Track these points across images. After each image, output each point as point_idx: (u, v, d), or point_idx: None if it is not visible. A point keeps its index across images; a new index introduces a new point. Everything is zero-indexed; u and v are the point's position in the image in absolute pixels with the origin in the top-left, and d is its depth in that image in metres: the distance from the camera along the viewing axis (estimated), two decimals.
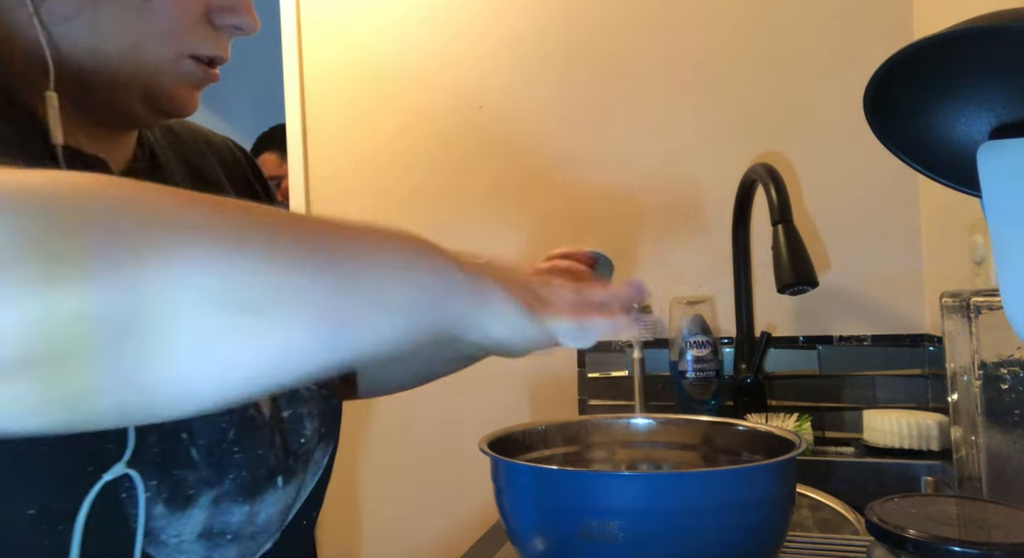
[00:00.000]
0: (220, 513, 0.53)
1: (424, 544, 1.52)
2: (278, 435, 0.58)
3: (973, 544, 0.43)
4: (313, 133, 1.61)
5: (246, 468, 0.54)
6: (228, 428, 0.54)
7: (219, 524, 0.54)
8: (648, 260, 1.42)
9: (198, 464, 0.52)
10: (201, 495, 0.52)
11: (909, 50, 0.50)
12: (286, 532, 0.61)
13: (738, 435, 0.74)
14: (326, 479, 0.67)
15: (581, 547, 0.56)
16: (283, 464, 0.58)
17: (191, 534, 0.52)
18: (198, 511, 0.52)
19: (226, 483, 0.53)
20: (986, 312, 0.75)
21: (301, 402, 0.62)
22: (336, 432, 0.67)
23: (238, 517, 0.54)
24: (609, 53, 1.44)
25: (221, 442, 0.53)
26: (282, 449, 0.58)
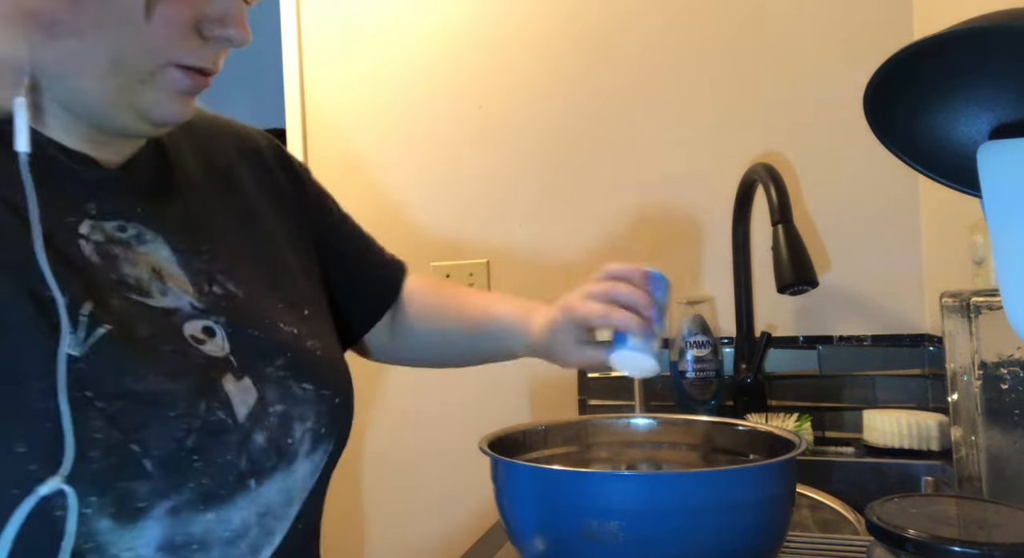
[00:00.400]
0: (181, 524, 0.52)
1: (424, 544, 1.52)
2: (260, 434, 0.57)
3: (973, 544, 0.43)
4: (313, 133, 1.61)
5: (208, 476, 0.53)
6: (186, 436, 0.52)
7: (181, 535, 0.52)
8: (648, 260, 1.41)
9: (151, 475, 0.50)
10: (154, 507, 0.50)
11: (909, 50, 0.50)
12: (289, 534, 0.60)
13: (738, 435, 0.74)
14: (326, 479, 0.66)
15: (581, 547, 0.56)
16: (259, 466, 0.56)
17: (147, 547, 0.51)
18: (152, 523, 0.50)
19: (185, 492, 0.52)
20: (986, 312, 0.75)
21: (294, 401, 0.61)
22: (337, 432, 0.66)
23: (203, 526, 0.53)
24: (609, 53, 1.44)
25: (178, 451, 0.51)
26: (263, 450, 0.57)
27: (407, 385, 1.54)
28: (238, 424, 0.55)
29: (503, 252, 1.50)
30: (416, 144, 1.55)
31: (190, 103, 0.59)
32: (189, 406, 0.52)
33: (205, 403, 0.53)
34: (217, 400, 0.54)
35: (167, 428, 0.51)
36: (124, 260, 0.55)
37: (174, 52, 0.55)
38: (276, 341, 0.62)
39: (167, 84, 0.56)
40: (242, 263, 0.65)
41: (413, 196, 1.55)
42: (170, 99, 0.57)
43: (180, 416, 0.51)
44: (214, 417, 0.54)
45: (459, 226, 1.52)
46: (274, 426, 0.58)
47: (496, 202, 1.50)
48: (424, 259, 1.53)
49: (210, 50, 0.58)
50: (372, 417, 1.56)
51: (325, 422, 0.64)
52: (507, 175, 1.50)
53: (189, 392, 0.52)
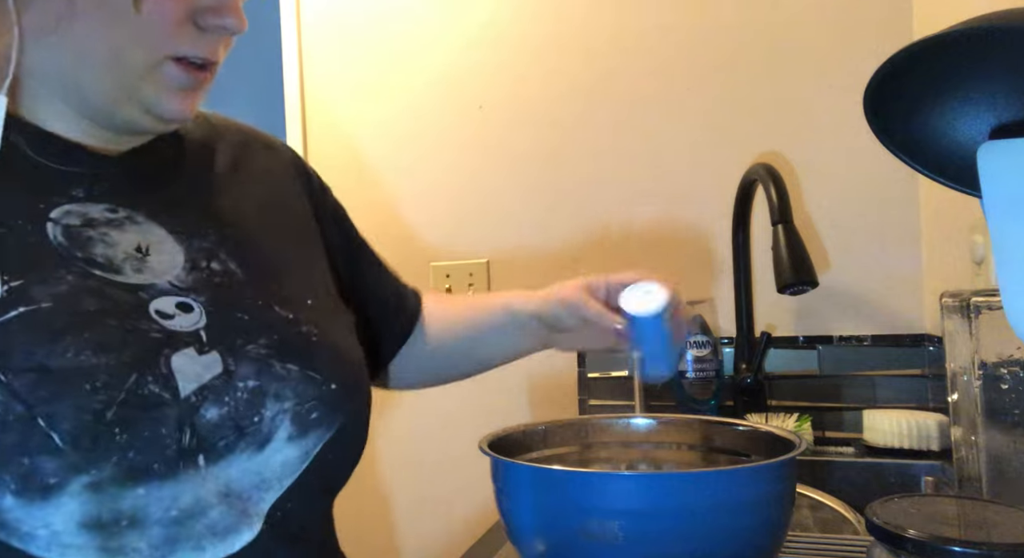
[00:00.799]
0: (107, 499, 0.50)
1: (424, 544, 1.52)
2: (212, 410, 0.55)
3: (973, 544, 0.43)
4: (313, 134, 1.61)
5: (134, 450, 0.51)
6: (105, 409, 0.50)
7: (108, 512, 0.50)
8: (648, 260, 1.42)
9: (62, 450, 0.49)
10: (69, 482, 0.49)
11: (909, 50, 0.50)
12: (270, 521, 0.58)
13: (738, 435, 0.74)
14: (324, 473, 0.63)
15: (581, 547, 0.56)
16: (208, 443, 0.54)
17: (67, 524, 0.49)
18: (68, 499, 0.49)
19: (106, 468, 0.50)
20: (986, 312, 0.75)
21: (272, 378, 0.59)
22: (339, 422, 0.63)
23: (133, 502, 0.51)
24: (609, 54, 1.44)
25: (96, 424, 0.50)
26: (214, 426, 0.55)
27: None
28: (179, 399, 0.54)
29: (503, 252, 1.50)
30: (416, 144, 1.55)
31: (194, 99, 0.60)
32: (112, 379, 0.51)
33: (136, 376, 0.52)
34: (152, 374, 0.53)
35: (81, 402, 0.50)
36: (98, 241, 0.57)
37: (171, 44, 0.56)
38: (264, 321, 0.61)
39: (167, 80, 0.57)
40: (251, 248, 0.66)
41: (413, 196, 1.55)
42: (171, 95, 0.58)
43: (99, 388, 0.50)
44: (144, 391, 0.52)
45: (459, 226, 1.52)
46: (240, 402, 0.56)
47: (496, 202, 1.50)
48: (424, 259, 1.53)
49: (208, 40, 0.58)
50: (372, 417, 1.56)
51: (316, 407, 0.61)
52: (507, 175, 1.50)
53: (116, 366, 0.52)
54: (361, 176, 1.57)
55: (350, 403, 0.64)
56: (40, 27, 0.55)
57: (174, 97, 0.58)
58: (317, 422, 0.61)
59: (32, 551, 0.49)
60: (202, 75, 0.59)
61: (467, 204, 1.52)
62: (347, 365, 0.66)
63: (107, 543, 0.51)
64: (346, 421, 0.63)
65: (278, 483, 0.59)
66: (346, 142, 1.59)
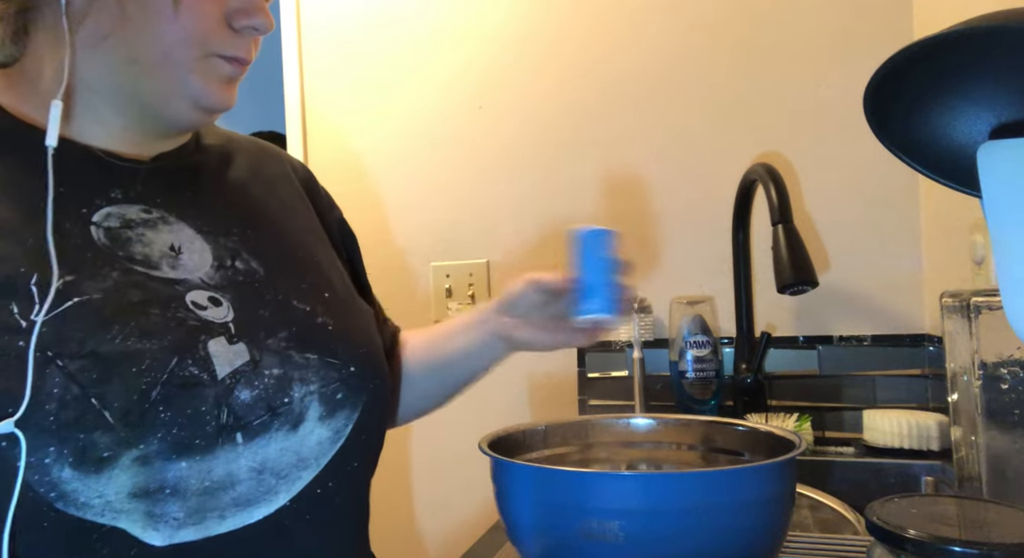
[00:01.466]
0: (154, 472, 0.55)
1: (424, 544, 1.52)
2: (250, 390, 0.60)
3: (973, 544, 0.43)
4: (313, 134, 1.61)
5: (177, 426, 0.56)
6: (150, 389, 0.55)
7: (155, 482, 0.55)
8: (648, 260, 1.42)
9: (113, 426, 0.53)
10: (120, 456, 0.54)
11: (909, 50, 0.50)
12: (300, 496, 0.62)
13: (738, 435, 0.74)
14: (357, 452, 0.67)
15: (581, 547, 0.56)
16: (244, 421, 0.59)
17: (118, 494, 0.54)
18: (120, 472, 0.54)
19: (153, 442, 0.55)
20: (986, 312, 0.75)
21: (294, 366, 0.63)
22: (363, 402, 0.67)
23: (176, 473, 0.56)
24: (609, 54, 1.44)
25: (143, 403, 0.55)
26: (248, 406, 0.59)
27: None
28: (216, 380, 0.58)
29: (503, 252, 1.50)
30: (416, 144, 1.55)
31: (233, 90, 0.66)
32: (155, 362, 0.56)
33: (177, 359, 0.57)
34: (192, 358, 0.58)
35: (129, 382, 0.54)
36: (136, 241, 0.62)
37: (212, 44, 0.62)
38: (283, 316, 0.65)
39: (212, 72, 0.63)
40: (270, 247, 0.70)
41: (413, 196, 1.55)
42: (215, 86, 0.63)
43: (144, 371, 0.55)
44: (185, 372, 0.57)
45: (459, 226, 1.52)
46: (269, 386, 0.61)
47: (496, 202, 1.50)
48: (424, 259, 1.53)
49: (242, 41, 0.64)
50: None
51: (340, 388, 0.65)
52: (507, 175, 1.50)
53: (160, 350, 0.56)
54: (361, 176, 1.57)
55: (370, 383, 0.68)
56: (94, 37, 0.60)
57: (218, 88, 0.63)
58: (343, 403, 0.66)
59: (88, 517, 0.53)
60: (241, 67, 0.65)
61: (467, 204, 1.52)
62: (363, 349, 0.70)
63: (152, 509, 0.55)
64: (368, 401, 0.68)
65: (315, 462, 0.63)
66: (346, 143, 1.59)
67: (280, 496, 0.61)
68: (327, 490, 0.64)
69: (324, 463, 0.64)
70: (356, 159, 1.58)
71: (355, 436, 0.66)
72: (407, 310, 1.54)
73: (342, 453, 0.65)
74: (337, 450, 0.65)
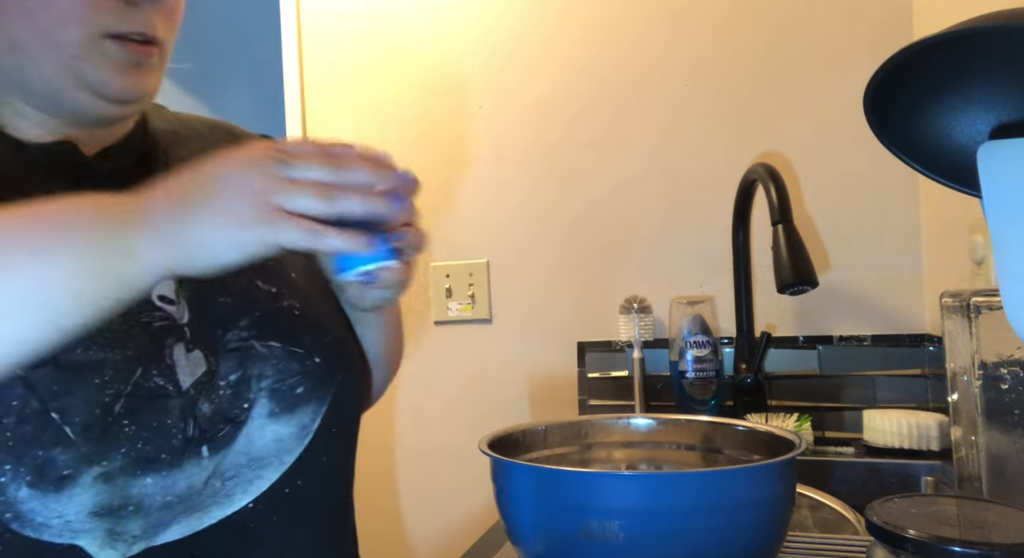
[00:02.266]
0: (117, 489, 0.52)
1: (424, 544, 1.52)
2: (207, 403, 0.56)
3: (973, 544, 0.43)
4: (313, 134, 1.61)
5: (142, 440, 0.53)
6: (113, 402, 0.52)
7: (118, 499, 0.52)
8: (648, 260, 1.42)
9: (75, 442, 0.50)
10: (82, 473, 0.51)
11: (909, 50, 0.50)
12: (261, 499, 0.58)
13: (738, 435, 0.74)
14: (327, 445, 0.63)
15: (581, 547, 0.56)
16: (209, 434, 0.56)
17: (78, 513, 0.51)
18: (80, 490, 0.51)
19: (117, 458, 0.52)
20: (986, 312, 0.75)
21: (253, 362, 0.59)
22: (331, 395, 0.63)
23: (140, 489, 0.53)
24: (610, 54, 1.44)
25: (105, 417, 0.51)
26: (209, 419, 0.56)
27: (407, 385, 1.54)
28: (181, 391, 0.55)
29: (503, 252, 1.50)
30: (416, 144, 1.55)
31: (140, 77, 0.59)
32: (118, 373, 0.52)
33: (142, 369, 0.54)
34: (157, 367, 0.54)
35: (92, 395, 0.51)
36: None
37: (101, 21, 0.55)
38: (247, 300, 0.62)
39: (104, 57, 0.57)
40: None
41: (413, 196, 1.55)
42: (115, 73, 0.57)
43: (107, 382, 0.52)
44: (150, 383, 0.54)
45: (459, 226, 1.52)
46: (225, 398, 0.58)
47: (496, 202, 1.50)
48: (424, 259, 1.53)
49: (140, 15, 0.57)
50: (372, 417, 1.56)
51: (301, 381, 0.61)
52: (507, 175, 1.50)
53: (124, 360, 0.53)
54: None
55: (338, 375, 0.65)
56: None
57: (118, 75, 0.57)
58: (305, 397, 0.62)
59: (44, 538, 0.50)
60: (145, 50, 0.58)
61: (467, 204, 1.52)
62: (329, 337, 0.66)
63: (113, 527, 0.52)
64: (337, 393, 0.64)
65: (277, 460, 0.60)
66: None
67: (235, 499, 0.58)
68: (297, 488, 0.61)
69: (290, 461, 0.61)
70: None
71: (323, 431, 0.63)
72: (407, 310, 1.54)
73: (310, 449, 0.62)
74: (305, 447, 0.62)
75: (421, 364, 1.53)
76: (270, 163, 0.49)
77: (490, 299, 1.50)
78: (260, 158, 0.49)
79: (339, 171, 0.50)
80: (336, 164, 0.50)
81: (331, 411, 0.63)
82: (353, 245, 0.49)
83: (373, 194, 0.50)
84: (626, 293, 1.40)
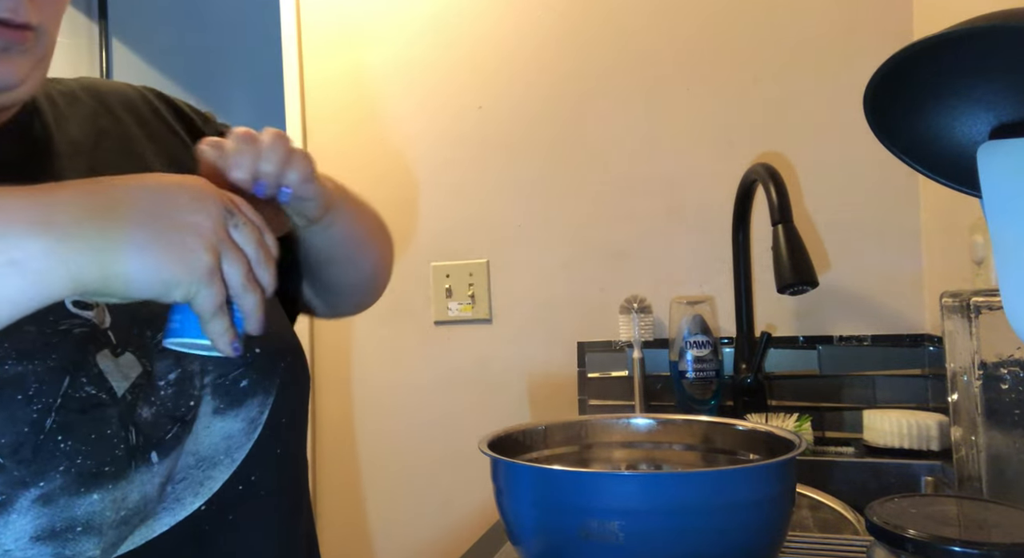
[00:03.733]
0: (58, 509, 0.48)
1: (424, 544, 1.52)
2: (148, 407, 0.53)
3: (973, 544, 0.43)
4: (313, 134, 1.61)
5: (82, 455, 0.48)
6: (43, 417, 0.47)
7: (62, 521, 0.48)
8: (648, 260, 1.42)
9: (4, 466, 0.46)
10: (17, 498, 0.46)
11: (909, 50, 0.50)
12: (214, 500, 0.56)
13: (738, 435, 0.74)
14: (277, 439, 0.61)
15: (581, 547, 0.56)
16: (155, 438, 0.52)
17: (17, 541, 0.47)
18: (17, 516, 0.46)
19: (55, 477, 0.47)
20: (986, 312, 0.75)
21: (191, 359, 0.56)
22: (275, 384, 0.60)
23: (86, 508, 0.48)
24: (610, 54, 1.44)
25: (36, 435, 0.47)
26: (152, 423, 0.53)
27: (407, 385, 1.54)
28: (117, 398, 0.51)
29: (503, 252, 1.50)
30: (416, 144, 1.55)
31: (12, 62, 0.53)
32: (44, 385, 0.48)
33: (69, 379, 0.49)
34: (86, 375, 0.50)
35: (15, 412, 0.46)
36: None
37: None
38: None
39: None
40: None
41: (413, 196, 1.55)
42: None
43: (32, 397, 0.47)
44: (80, 393, 0.49)
45: (459, 226, 1.52)
46: (167, 398, 0.54)
47: (496, 202, 1.50)
48: (424, 259, 1.53)
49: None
50: (372, 417, 1.56)
51: (244, 374, 0.59)
52: (507, 175, 1.50)
53: (47, 371, 0.48)
54: (361, 176, 1.57)
55: (281, 362, 0.62)
56: None
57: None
58: (250, 390, 0.59)
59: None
60: (16, 35, 0.52)
61: (467, 204, 1.52)
62: (269, 326, 0.62)
63: (61, 551, 0.48)
64: (283, 382, 0.61)
65: (228, 458, 0.57)
66: (346, 142, 1.59)
67: (186, 503, 0.55)
68: (251, 484, 0.58)
69: (241, 457, 0.58)
70: (356, 158, 1.58)
71: (273, 422, 0.60)
72: (407, 310, 1.54)
73: (261, 443, 0.59)
74: (254, 441, 0.59)
75: (421, 364, 1.53)
76: (222, 211, 0.45)
77: (490, 299, 1.50)
78: (214, 200, 0.45)
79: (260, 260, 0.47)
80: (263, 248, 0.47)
81: (278, 401, 0.61)
82: (224, 343, 0.46)
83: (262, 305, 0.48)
84: (626, 293, 1.40)
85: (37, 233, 0.39)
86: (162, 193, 0.43)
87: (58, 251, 0.39)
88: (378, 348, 1.55)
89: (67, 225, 0.40)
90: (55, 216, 0.40)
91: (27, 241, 0.39)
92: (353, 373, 1.57)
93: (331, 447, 1.58)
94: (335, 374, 1.58)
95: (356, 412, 1.57)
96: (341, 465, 1.57)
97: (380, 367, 1.56)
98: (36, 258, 0.39)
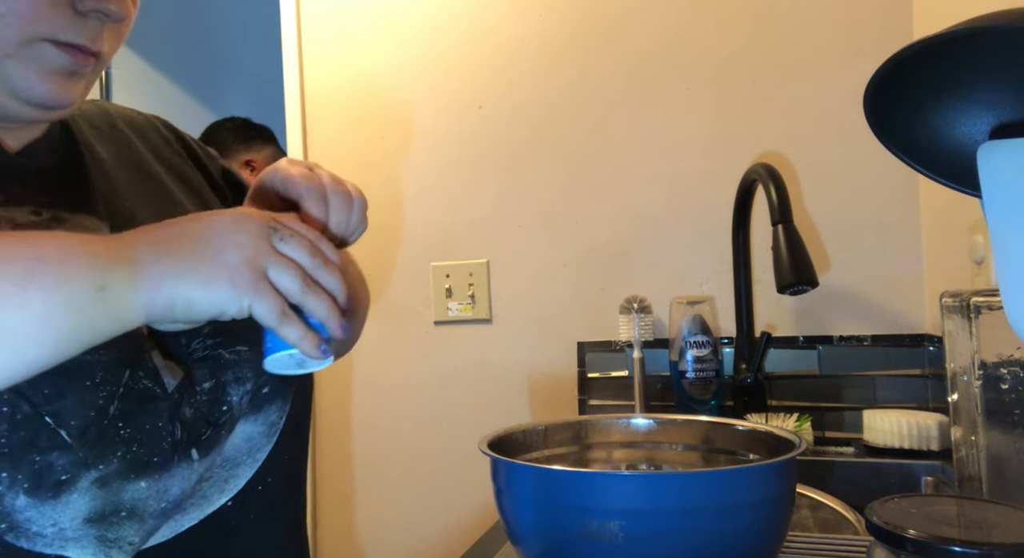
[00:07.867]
0: (110, 493, 0.51)
1: (424, 544, 1.52)
2: (188, 407, 0.56)
3: (973, 544, 0.43)
4: (313, 133, 1.61)
5: (137, 443, 0.52)
6: (107, 404, 0.50)
7: (111, 504, 0.51)
8: (648, 260, 1.42)
9: (71, 446, 0.49)
10: (79, 478, 0.49)
11: (909, 50, 0.50)
12: (239, 498, 0.60)
13: (738, 435, 0.74)
14: (289, 445, 0.65)
15: (581, 547, 0.56)
16: (194, 436, 0.56)
17: (72, 520, 0.50)
18: (77, 496, 0.50)
19: (113, 462, 0.51)
20: (986, 312, 0.75)
21: (224, 368, 0.59)
22: (292, 391, 0.64)
23: (133, 494, 0.52)
24: (609, 54, 1.44)
25: (101, 419, 0.50)
26: (192, 423, 0.56)
27: (407, 385, 1.54)
28: (168, 393, 0.55)
29: (503, 252, 1.50)
30: (416, 144, 1.55)
31: (72, 84, 0.56)
32: (108, 374, 0.51)
33: (130, 371, 0.52)
34: (143, 369, 0.53)
35: (85, 397, 0.50)
36: None
37: (44, 26, 0.52)
38: None
39: (38, 60, 0.53)
40: None
41: (413, 196, 1.55)
42: (43, 78, 0.54)
43: (99, 384, 0.50)
44: (139, 385, 0.53)
45: (459, 226, 1.52)
46: (202, 403, 0.57)
47: (496, 202, 1.50)
48: (424, 259, 1.53)
49: (87, 26, 0.54)
50: (372, 417, 1.56)
51: (268, 382, 0.62)
52: (507, 175, 1.50)
53: (111, 362, 0.51)
54: (361, 176, 1.57)
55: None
56: None
57: (46, 80, 0.54)
58: (271, 396, 0.63)
59: (37, 549, 0.49)
60: (83, 60, 0.55)
61: (467, 204, 1.52)
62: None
63: (104, 534, 0.51)
64: (298, 389, 0.66)
65: (250, 459, 0.61)
66: (346, 143, 1.59)
67: (212, 499, 0.59)
68: (267, 486, 0.62)
69: (262, 458, 0.62)
70: (356, 159, 1.58)
71: (288, 428, 0.64)
72: (407, 310, 1.54)
73: (278, 446, 0.63)
74: (273, 444, 0.63)
75: (421, 364, 1.54)
76: (264, 228, 0.49)
77: (490, 299, 1.50)
78: (255, 221, 0.50)
79: (318, 266, 0.51)
80: (319, 256, 0.51)
81: (294, 407, 0.65)
82: (306, 347, 0.50)
83: (335, 307, 0.51)
84: (626, 293, 1.40)
85: (120, 266, 0.45)
86: (207, 223, 0.49)
87: (135, 282, 0.45)
88: (378, 348, 1.55)
89: (145, 267, 0.46)
90: (135, 253, 0.46)
91: (118, 281, 0.45)
92: (353, 373, 1.57)
93: (331, 447, 1.58)
94: (335, 374, 1.58)
95: (356, 412, 1.57)
96: (341, 465, 1.57)
97: (380, 367, 1.56)
98: (119, 285, 0.45)
